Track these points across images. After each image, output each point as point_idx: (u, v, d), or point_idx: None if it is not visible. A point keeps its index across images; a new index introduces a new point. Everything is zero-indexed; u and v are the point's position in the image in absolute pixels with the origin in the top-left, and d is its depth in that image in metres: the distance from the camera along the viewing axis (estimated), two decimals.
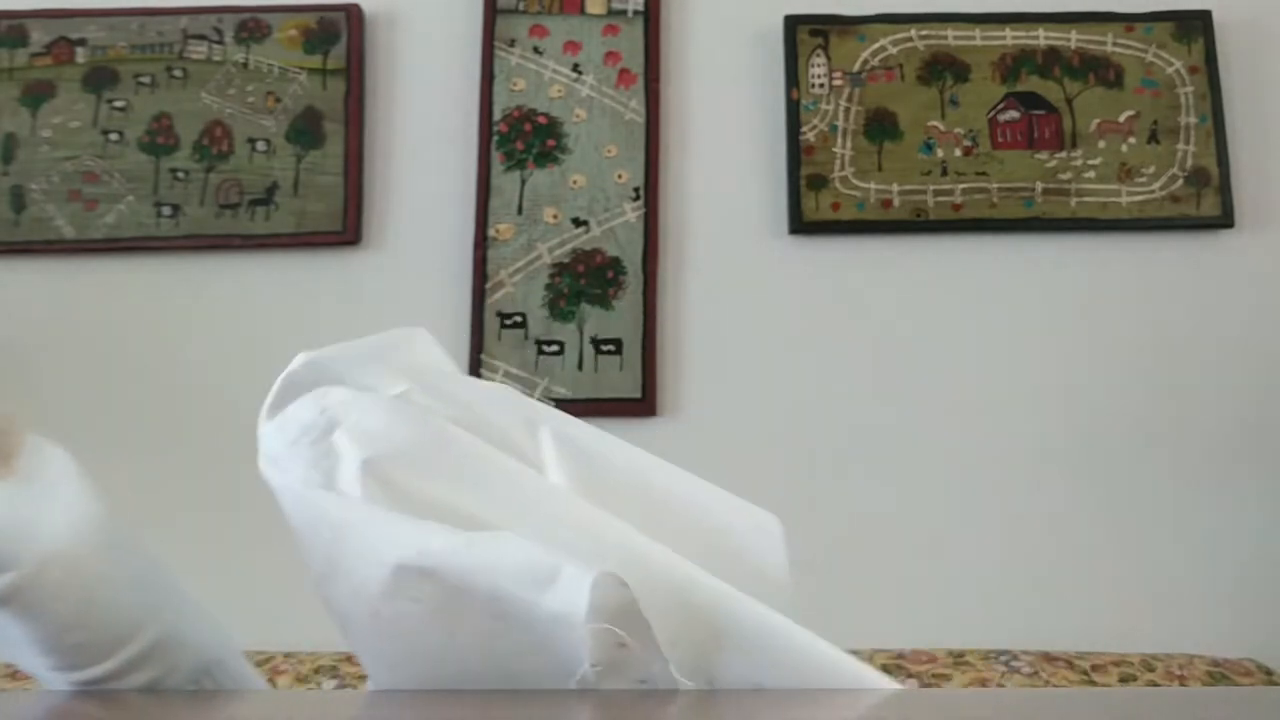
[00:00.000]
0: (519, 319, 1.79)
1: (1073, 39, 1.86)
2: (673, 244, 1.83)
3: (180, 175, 1.86)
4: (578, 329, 1.79)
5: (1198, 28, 1.85)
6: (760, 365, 1.79)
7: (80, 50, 1.91)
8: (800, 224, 1.81)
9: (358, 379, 0.55)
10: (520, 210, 1.82)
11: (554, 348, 1.78)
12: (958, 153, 1.82)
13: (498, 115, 1.85)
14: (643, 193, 1.82)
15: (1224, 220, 1.79)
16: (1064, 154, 1.82)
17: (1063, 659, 1.50)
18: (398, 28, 1.93)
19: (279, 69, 1.89)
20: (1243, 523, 1.72)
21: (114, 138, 1.87)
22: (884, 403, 1.77)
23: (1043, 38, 1.86)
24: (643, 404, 1.76)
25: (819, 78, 1.85)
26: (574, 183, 1.83)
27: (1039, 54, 1.86)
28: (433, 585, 0.49)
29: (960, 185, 1.82)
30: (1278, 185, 1.83)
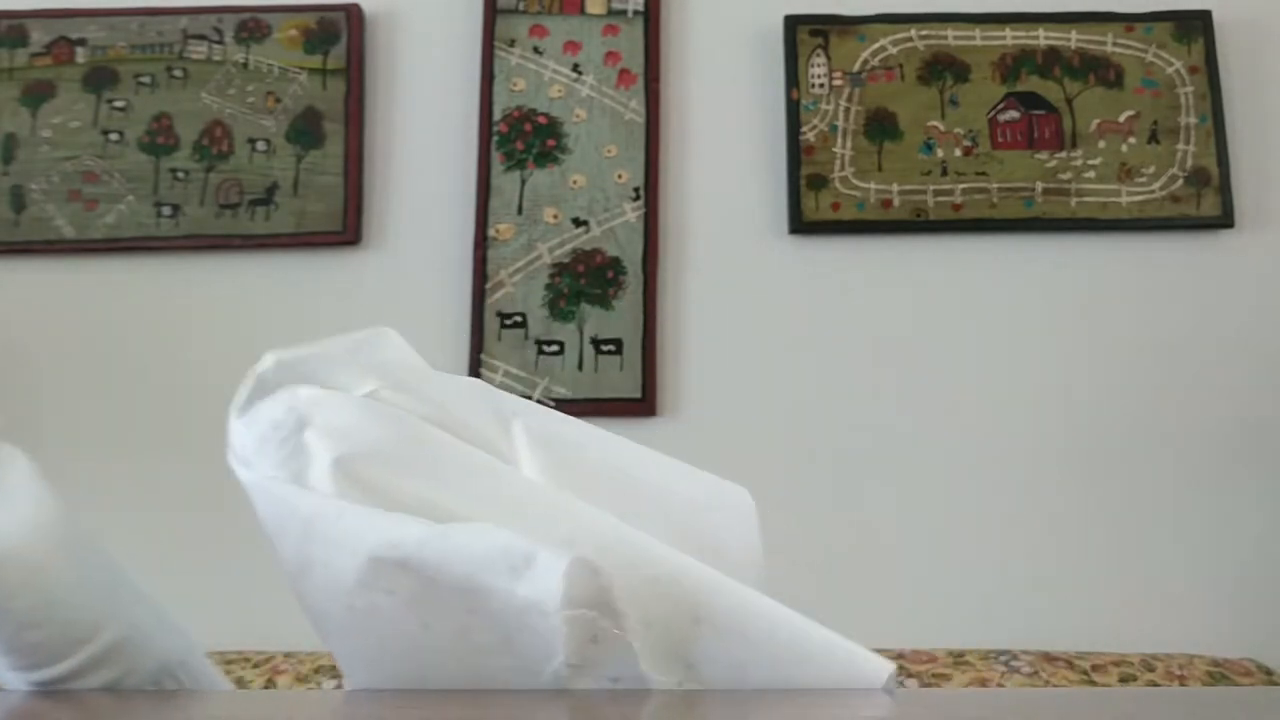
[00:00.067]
0: (519, 319, 1.79)
1: (1073, 39, 1.86)
2: (673, 244, 1.83)
3: (180, 175, 1.86)
4: (578, 329, 1.79)
5: (1198, 28, 1.85)
6: (760, 365, 1.79)
7: (80, 50, 1.91)
8: (800, 224, 1.81)
9: (327, 378, 0.55)
10: (520, 210, 1.82)
11: (554, 348, 1.78)
12: (958, 153, 1.82)
13: (498, 115, 1.85)
14: (643, 193, 1.82)
15: (1224, 220, 1.79)
16: (1064, 154, 1.82)
17: (1063, 659, 1.50)
18: (398, 28, 1.93)
19: (279, 69, 1.89)
20: (1243, 523, 1.72)
21: (114, 138, 1.87)
22: (884, 403, 1.77)
23: (1043, 38, 1.86)
24: (643, 404, 1.76)
25: (819, 78, 1.85)
26: (574, 183, 1.83)
27: (1039, 54, 1.86)
28: (407, 576, 0.48)
29: (960, 185, 1.82)
30: (1278, 185, 1.83)
